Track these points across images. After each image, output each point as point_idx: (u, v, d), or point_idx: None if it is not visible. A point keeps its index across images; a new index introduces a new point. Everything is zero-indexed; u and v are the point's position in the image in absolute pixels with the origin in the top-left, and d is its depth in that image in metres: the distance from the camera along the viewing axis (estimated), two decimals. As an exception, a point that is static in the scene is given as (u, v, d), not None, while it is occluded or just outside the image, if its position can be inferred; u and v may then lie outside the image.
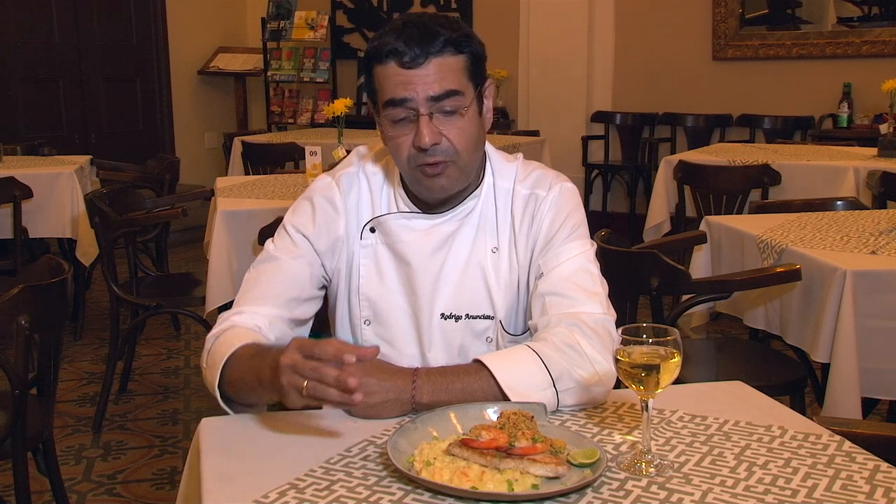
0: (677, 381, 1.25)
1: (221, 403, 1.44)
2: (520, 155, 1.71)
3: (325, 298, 1.72)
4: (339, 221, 1.64)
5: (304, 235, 1.63)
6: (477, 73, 1.56)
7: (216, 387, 1.43)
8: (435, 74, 1.49)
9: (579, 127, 6.97)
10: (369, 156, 1.70)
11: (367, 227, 1.65)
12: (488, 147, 1.66)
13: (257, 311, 1.56)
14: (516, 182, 1.65)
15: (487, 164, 1.66)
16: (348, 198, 1.65)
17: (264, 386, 1.33)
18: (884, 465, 1.22)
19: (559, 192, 1.63)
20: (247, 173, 5.12)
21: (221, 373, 1.42)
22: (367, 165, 1.68)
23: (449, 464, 1.18)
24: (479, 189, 1.64)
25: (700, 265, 3.03)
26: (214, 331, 1.53)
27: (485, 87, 1.59)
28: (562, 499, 1.14)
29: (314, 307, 1.67)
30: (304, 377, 1.24)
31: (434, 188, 1.56)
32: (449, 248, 1.63)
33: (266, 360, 1.34)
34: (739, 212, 4.09)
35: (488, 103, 1.60)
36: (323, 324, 1.78)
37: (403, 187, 1.64)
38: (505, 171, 1.66)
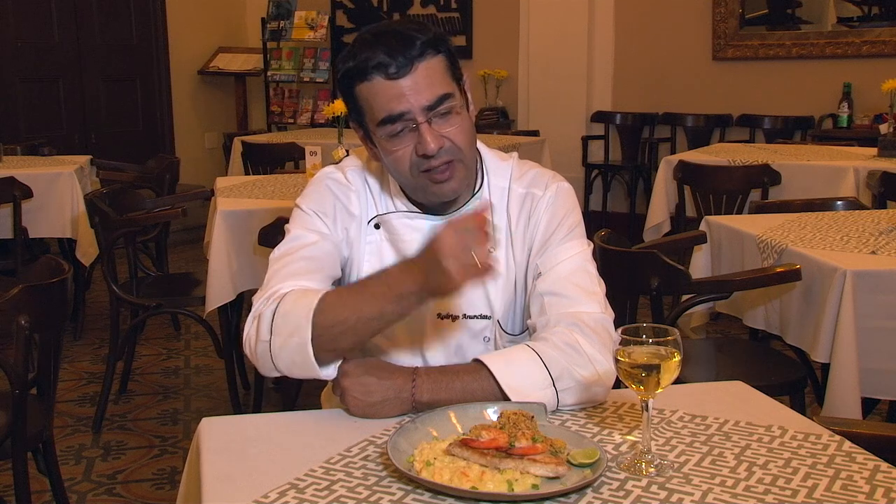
0: (677, 381, 1.25)
1: (311, 356, 1.39)
2: (515, 154, 1.71)
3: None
4: (352, 210, 1.63)
5: (321, 219, 1.60)
6: (455, 70, 1.55)
7: (310, 342, 1.37)
8: (424, 81, 1.48)
9: (579, 127, 6.97)
10: (363, 157, 1.69)
11: (372, 224, 1.64)
12: (481, 147, 1.66)
13: (299, 284, 1.48)
14: (512, 181, 1.65)
15: (482, 164, 1.66)
16: (360, 191, 1.65)
17: (411, 280, 1.33)
18: (884, 465, 1.22)
19: (556, 191, 1.63)
20: (247, 173, 5.11)
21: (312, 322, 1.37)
22: (365, 166, 1.68)
23: (449, 464, 1.18)
24: (479, 191, 1.64)
25: (700, 265, 3.03)
26: (266, 307, 1.44)
27: (464, 81, 1.58)
28: (562, 499, 1.14)
29: None
30: (469, 248, 1.27)
31: (444, 192, 1.55)
32: (449, 248, 1.62)
33: (390, 272, 1.38)
34: (739, 212, 4.09)
35: (470, 96, 1.60)
36: None
37: (401, 189, 1.63)
38: (500, 170, 1.66)
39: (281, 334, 1.41)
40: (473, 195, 1.63)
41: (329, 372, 1.43)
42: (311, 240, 1.58)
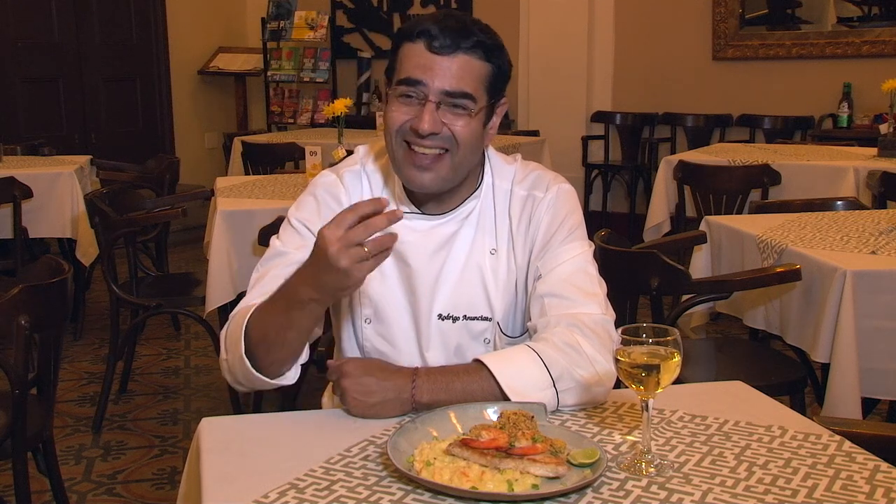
0: (677, 381, 1.25)
1: (252, 371, 1.42)
2: (518, 156, 1.71)
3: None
4: None
5: (309, 229, 1.61)
6: (496, 87, 1.55)
7: (244, 356, 1.41)
8: (457, 70, 1.49)
9: (579, 127, 6.97)
10: (370, 155, 1.69)
11: None
12: (488, 148, 1.66)
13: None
14: (514, 183, 1.65)
15: (487, 164, 1.66)
16: (352, 195, 1.65)
17: (307, 286, 1.32)
18: (884, 465, 1.22)
19: (556, 193, 1.63)
20: (247, 173, 5.12)
21: (246, 338, 1.41)
22: (368, 165, 1.68)
23: (449, 464, 1.18)
24: (478, 190, 1.64)
25: (700, 265, 3.03)
26: (226, 325, 1.52)
27: (499, 103, 1.58)
28: (562, 499, 1.14)
29: None
30: (362, 244, 1.24)
31: (416, 180, 1.54)
32: (449, 249, 1.62)
33: (289, 283, 1.36)
34: (739, 212, 4.09)
35: (496, 120, 1.59)
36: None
37: (403, 187, 1.63)
38: (504, 172, 1.66)
39: (229, 351, 1.46)
40: (472, 195, 1.63)
41: (289, 378, 1.45)
42: (288, 256, 1.58)
